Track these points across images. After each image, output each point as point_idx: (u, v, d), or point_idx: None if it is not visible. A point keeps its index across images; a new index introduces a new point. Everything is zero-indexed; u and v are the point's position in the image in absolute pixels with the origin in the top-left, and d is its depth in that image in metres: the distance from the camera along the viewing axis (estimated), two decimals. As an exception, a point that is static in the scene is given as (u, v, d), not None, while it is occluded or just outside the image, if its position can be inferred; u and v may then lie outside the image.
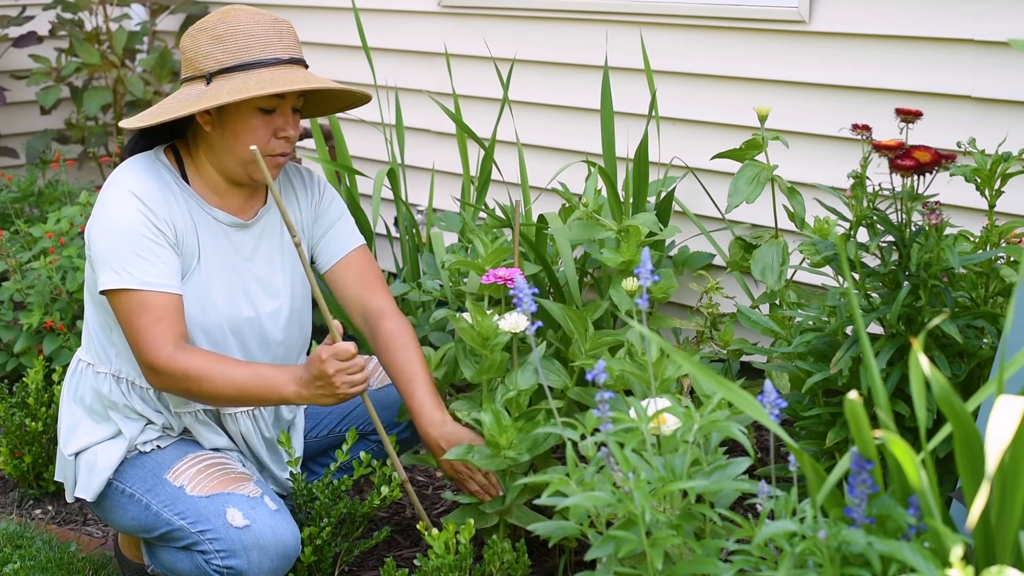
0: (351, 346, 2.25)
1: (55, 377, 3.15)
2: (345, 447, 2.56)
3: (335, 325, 2.27)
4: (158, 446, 2.40)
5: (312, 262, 2.58)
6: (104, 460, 2.39)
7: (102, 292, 2.30)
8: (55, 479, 2.56)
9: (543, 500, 1.80)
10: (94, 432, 2.42)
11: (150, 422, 2.41)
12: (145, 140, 2.43)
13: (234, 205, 2.42)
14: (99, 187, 4.72)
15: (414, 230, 3.47)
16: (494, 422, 2.31)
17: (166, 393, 2.35)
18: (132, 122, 2.33)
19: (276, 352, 2.49)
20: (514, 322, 2.36)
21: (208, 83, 2.29)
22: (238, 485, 2.31)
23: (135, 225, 2.28)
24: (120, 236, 2.27)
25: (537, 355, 2.09)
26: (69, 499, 2.49)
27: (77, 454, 2.43)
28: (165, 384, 2.29)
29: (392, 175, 3.45)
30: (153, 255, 2.28)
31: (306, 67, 2.37)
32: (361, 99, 2.46)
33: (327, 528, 2.47)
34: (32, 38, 4.85)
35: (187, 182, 2.39)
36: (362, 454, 2.55)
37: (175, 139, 2.43)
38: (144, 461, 2.39)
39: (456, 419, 2.48)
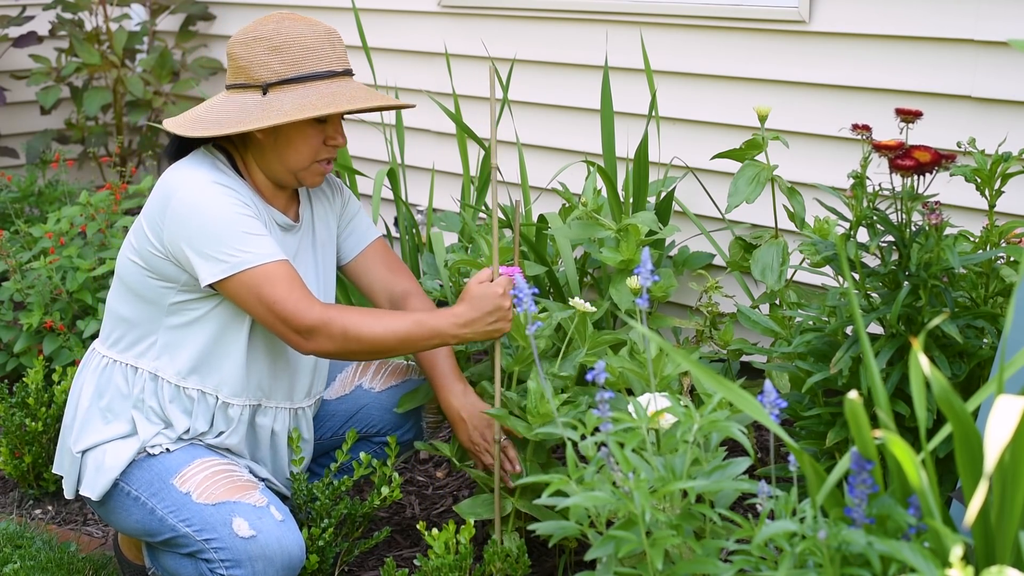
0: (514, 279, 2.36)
1: (55, 377, 3.15)
2: (345, 447, 2.56)
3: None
4: (167, 449, 2.38)
5: (335, 254, 2.63)
6: (112, 460, 2.37)
7: (211, 285, 2.27)
8: (53, 471, 2.54)
9: (543, 500, 1.80)
10: (105, 430, 2.40)
11: (169, 425, 2.39)
12: (181, 142, 2.43)
13: (280, 205, 2.46)
14: (99, 187, 4.72)
15: (414, 230, 3.47)
16: (536, 391, 2.33)
17: (321, 357, 2.33)
18: (188, 130, 2.32)
19: None
20: (581, 303, 2.40)
21: (264, 93, 2.31)
22: (244, 494, 2.31)
23: (234, 208, 2.28)
24: (225, 223, 2.26)
25: (537, 354, 2.09)
26: (68, 495, 2.47)
27: (84, 451, 2.42)
28: (322, 345, 2.28)
29: (392, 175, 3.45)
30: (261, 230, 2.30)
31: (353, 75, 2.40)
32: (404, 107, 2.50)
33: (329, 530, 2.47)
34: (32, 38, 4.85)
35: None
36: (362, 455, 2.56)
37: (212, 142, 2.42)
38: (151, 464, 2.37)
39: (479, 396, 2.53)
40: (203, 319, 2.36)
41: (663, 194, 3.20)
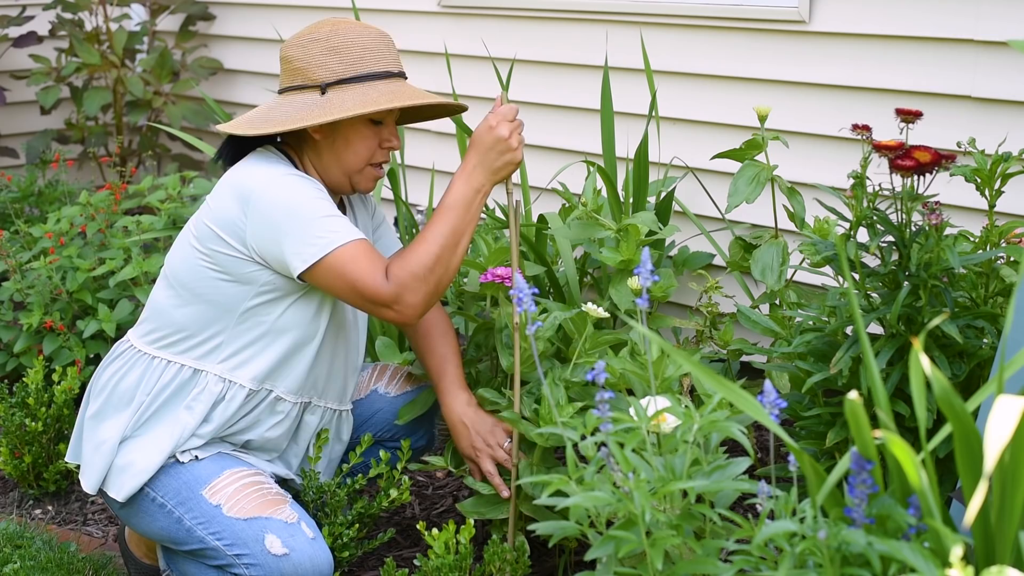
0: (514, 105, 2.34)
1: (55, 377, 3.15)
2: (359, 450, 2.57)
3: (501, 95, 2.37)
4: (196, 456, 2.35)
5: None
6: (143, 463, 2.34)
7: (303, 275, 2.26)
8: (67, 459, 2.51)
9: (543, 500, 1.80)
10: (144, 425, 2.37)
11: (207, 420, 2.36)
12: (239, 144, 2.42)
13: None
14: (99, 187, 4.72)
15: (414, 230, 3.47)
16: (551, 398, 2.31)
17: (426, 311, 2.30)
18: (248, 130, 2.32)
19: (356, 343, 2.56)
20: (593, 307, 2.38)
21: (323, 93, 2.32)
22: (276, 509, 2.29)
23: (313, 193, 2.29)
24: (307, 208, 2.26)
25: (537, 356, 2.09)
26: (87, 487, 2.39)
27: (121, 442, 2.37)
28: (415, 301, 2.25)
29: (392, 175, 3.45)
30: (338, 211, 2.31)
31: (407, 79, 2.42)
32: (459, 110, 2.52)
33: (355, 526, 2.48)
34: (32, 38, 4.85)
35: None
36: (381, 452, 2.58)
37: (269, 144, 2.42)
38: (180, 472, 2.34)
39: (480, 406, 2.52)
40: (278, 324, 2.35)
41: (663, 194, 3.20)
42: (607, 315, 2.41)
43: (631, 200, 3.03)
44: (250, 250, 2.29)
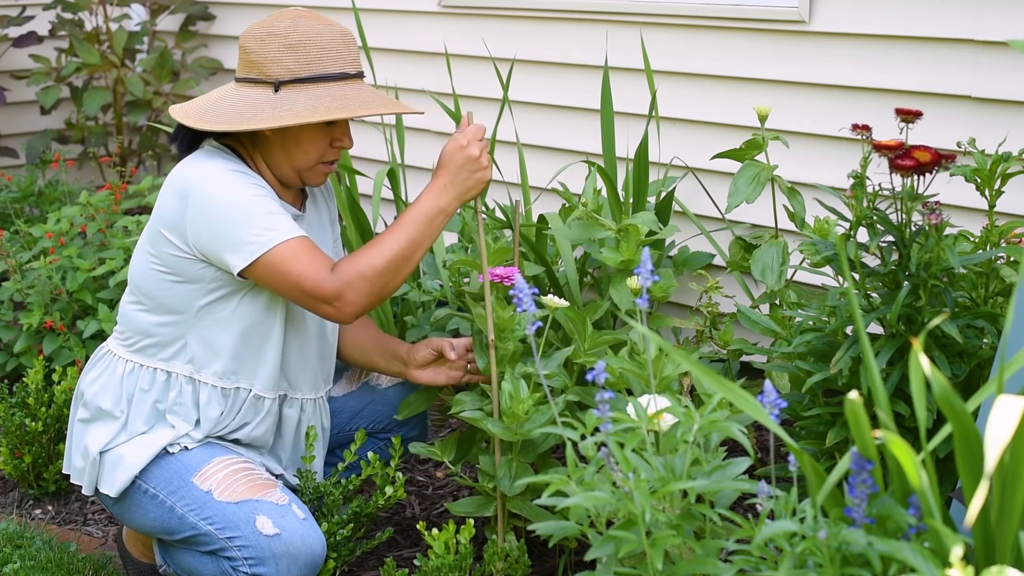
0: (482, 124, 2.36)
1: (55, 377, 3.15)
2: (353, 447, 2.57)
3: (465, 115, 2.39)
4: (185, 447, 2.37)
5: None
6: (134, 457, 2.36)
7: (242, 272, 2.25)
8: (64, 470, 2.53)
9: (543, 500, 1.80)
10: (134, 432, 2.39)
11: (198, 424, 2.38)
12: (192, 133, 2.41)
13: (288, 197, 2.46)
14: (99, 187, 4.72)
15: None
16: (513, 391, 2.31)
17: (363, 313, 2.32)
18: (197, 122, 2.31)
19: (321, 328, 2.55)
20: (554, 300, 2.38)
21: (276, 91, 2.30)
22: (266, 492, 2.30)
23: (252, 190, 2.28)
24: (245, 205, 2.26)
25: (537, 353, 2.09)
26: (85, 489, 2.43)
27: (103, 452, 2.39)
28: (355, 301, 2.26)
29: (392, 175, 3.45)
30: (279, 208, 2.30)
31: (364, 78, 2.40)
32: (414, 113, 2.51)
33: (349, 525, 2.48)
34: (32, 38, 4.85)
35: None
36: (370, 454, 2.57)
37: (224, 136, 2.41)
38: (170, 462, 2.36)
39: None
40: (234, 318, 2.36)
41: (663, 194, 3.20)
42: (566, 304, 2.42)
43: (631, 200, 3.03)
44: (192, 248, 2.30)
